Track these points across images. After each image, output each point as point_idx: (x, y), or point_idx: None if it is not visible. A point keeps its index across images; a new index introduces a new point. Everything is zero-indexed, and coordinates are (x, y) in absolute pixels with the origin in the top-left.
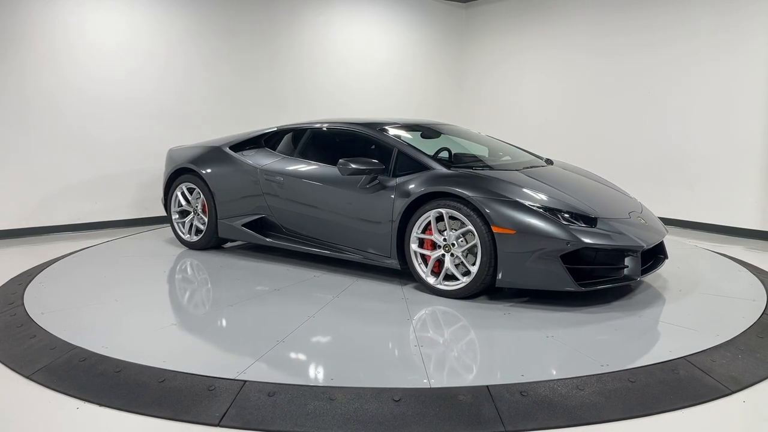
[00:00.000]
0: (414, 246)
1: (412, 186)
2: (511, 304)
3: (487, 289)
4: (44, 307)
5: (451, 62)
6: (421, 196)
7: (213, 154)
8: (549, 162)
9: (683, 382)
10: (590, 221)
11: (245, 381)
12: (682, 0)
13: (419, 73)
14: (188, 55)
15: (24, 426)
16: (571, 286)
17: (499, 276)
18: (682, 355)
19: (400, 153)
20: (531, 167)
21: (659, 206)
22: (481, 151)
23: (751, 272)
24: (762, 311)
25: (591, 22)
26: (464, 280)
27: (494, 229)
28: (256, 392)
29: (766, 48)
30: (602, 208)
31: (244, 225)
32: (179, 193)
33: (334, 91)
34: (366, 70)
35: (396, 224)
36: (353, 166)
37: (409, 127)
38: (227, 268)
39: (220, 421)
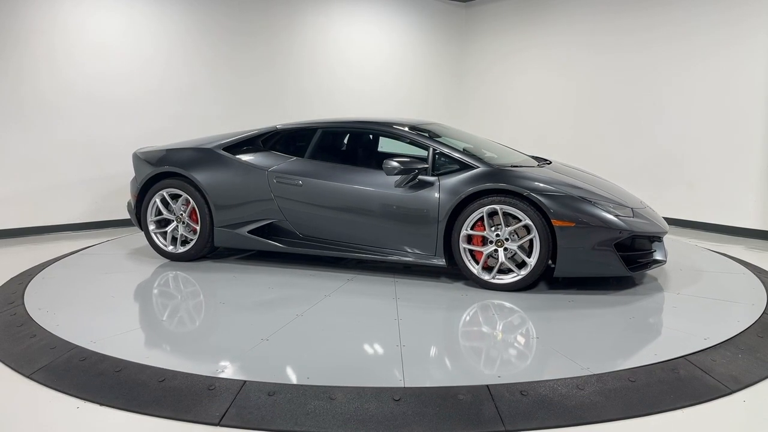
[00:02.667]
0: (464, 243)
1: (459, 184)
2: (566, 292)
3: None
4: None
5: (451, 61)
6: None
7: (205, 157)
8: (548, 162)
9: (683, 381)
10: (628, 211)
11: (245, 381)
12: None
13: (419, 73)
14: (188, 55)
15: (24, 425)
16: (623, 272)
17: (558, 267)
18: (682, 354)
19: (437, 152)
20: (546, 165)
21: (659, 205)
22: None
23: (752, 272)
24: (762, 311)
25: (591, 21)
26: (521, 273)
27: (554, 223)
28: (256, 392)
29: (765, 47)
30: (626, 199)
31: (250, 232)
32: (159, 201)
33: (333, 91)
34: (366, 70)
35: (444, 223)
36: (401, 165)
37: (411, 127)
38: (243, 276)
39: (220, 421)
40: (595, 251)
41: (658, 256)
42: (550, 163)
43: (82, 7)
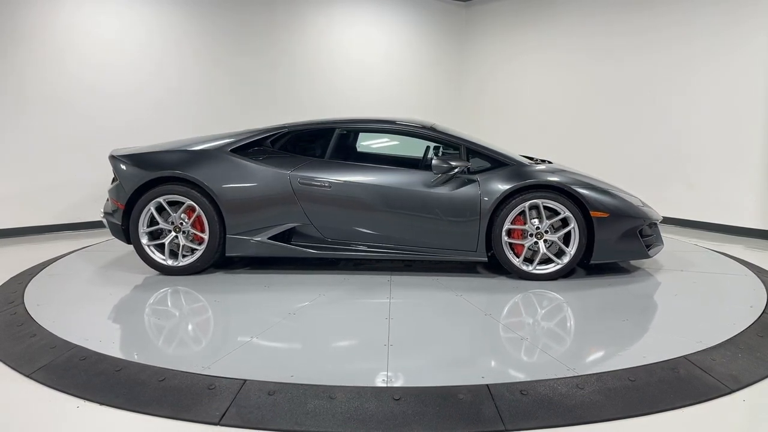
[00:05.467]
0: (505, 237)
1: (499, 181)
2: (597, 277)
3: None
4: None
5: (450, 61)
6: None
7: (212, 159)
8: (549, 162)
9: (683, 380)
10: (639, 202)
11: (245, 380)
12: (682, 1)
13: (419, 73)
14: (186, 56)
15: (24, 425)
16: (645, 255)
17: (594, 255)
18: (682, 354)
19: (471, 150)
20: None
21: (660, 205)
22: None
23: (752, 271)
24: (762, 310)
25: (592, 23)
26: (562, 262)
27: (592, 214)
28: (256, 391)
29: (766, 48)
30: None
31: (270, 238)
32: (153, 209)
33: (333, 91)
34: (366, 70)
35: (487, 218)
36: (447, 164)
37: (428, 126)
38: (276, 286)
39: (220, 420)
40: (624, 239)
41: (657, 241)
42: (551, 163)
43: (83, 8)
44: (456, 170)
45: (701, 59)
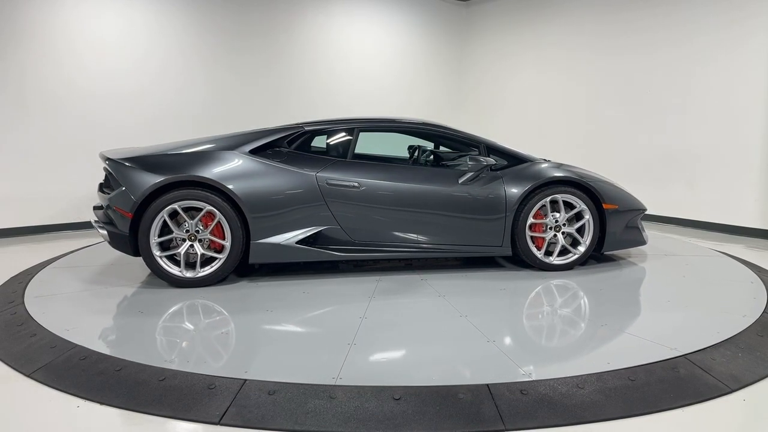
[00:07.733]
0: (529, 231)
1: (523, 178)
2: (602, 266)
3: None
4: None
5: (450, 60)
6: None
7: (231, 161)
8: (548, 161)
9: (683, 380)
10: (630, 192)
11: (245, 380)
12: (682, 1)
13: (419, 72)
14: (188, 55)
15: (24, 424)
16: (644, 243)
17: (605, 245)
18: (683, 353)
19: (490, 148)
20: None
21: (660, 205)
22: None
23: (752, 270)
24: (762, 310)
25: (592, 22)
26: (579, 252)
27: (605, 206)
28: (256, 391)
29: (766, 47)
30: None
31: (296, 242)
32: (167, 216)
33: (333, 90)
34: (366, 68)
35: (512, 214)
36: (477, 163)
37: (444, 126)
38: (313, 291)
39: (220, 420)
40: (628, 228)
41: (644, 229)
42: (550, 161)
43: (82, 7)
44: (482, 169)
45: (701, 59)
